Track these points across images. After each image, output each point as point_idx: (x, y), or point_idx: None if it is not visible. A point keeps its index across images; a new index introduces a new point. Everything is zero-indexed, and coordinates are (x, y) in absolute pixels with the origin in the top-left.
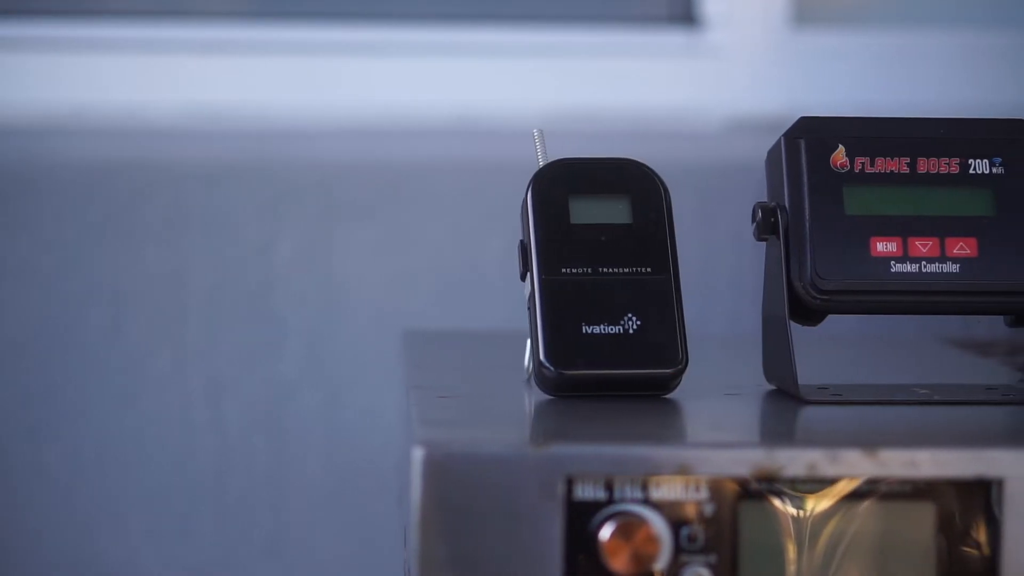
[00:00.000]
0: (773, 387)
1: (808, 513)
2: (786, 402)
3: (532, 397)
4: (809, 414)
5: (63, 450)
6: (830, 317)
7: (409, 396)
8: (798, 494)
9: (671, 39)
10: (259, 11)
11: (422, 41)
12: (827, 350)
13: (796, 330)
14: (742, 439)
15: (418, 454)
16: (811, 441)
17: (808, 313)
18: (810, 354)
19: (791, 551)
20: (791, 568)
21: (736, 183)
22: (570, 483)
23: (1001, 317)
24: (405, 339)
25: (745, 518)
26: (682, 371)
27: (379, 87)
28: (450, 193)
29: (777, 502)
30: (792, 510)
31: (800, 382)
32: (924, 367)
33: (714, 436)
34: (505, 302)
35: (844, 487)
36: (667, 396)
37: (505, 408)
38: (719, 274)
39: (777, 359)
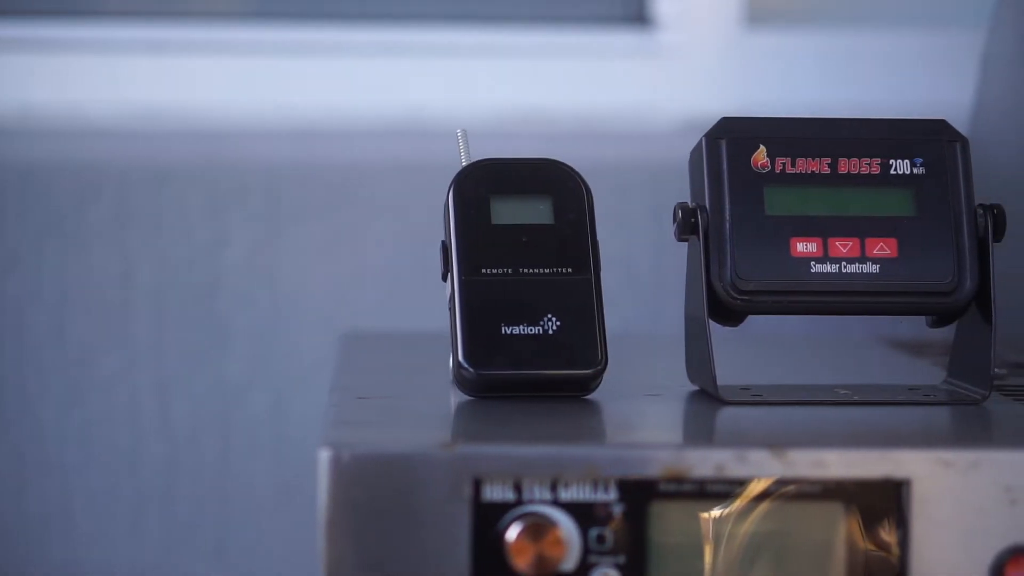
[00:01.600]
0: (696, 388)
1: (718, 514)
2: (706, 403)
3: (455, 398)
4: (726, 415)
5: (9, 451)
6: (777, 319)
7: (330, 397)
8: (708, 495)
9: (624, 39)
10: (204, 11)
11: (371, 41)
12: (768, 350)
13: (739, 330)
14: (652, 440)
15: (324, 455)
16: (719, 442)
17: (728, 313)
18: (748, 354)
19: (701, 552)
20: (700, 569)
21: (689, 183)
22: (478, 484)
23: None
24: (343, 341)
25: (655, 519)
26: (601, 372)
27: (327, 88)
28: (398, 194)
29: (687, 503)
30: (702, 511)
31: (726, 383)
32: (861, 368)
33: (624, 437)
34: None
35: (754, 488)
36: (587, 397)
37: (423, 409)
38: (670, 273)
39: (698, 360)
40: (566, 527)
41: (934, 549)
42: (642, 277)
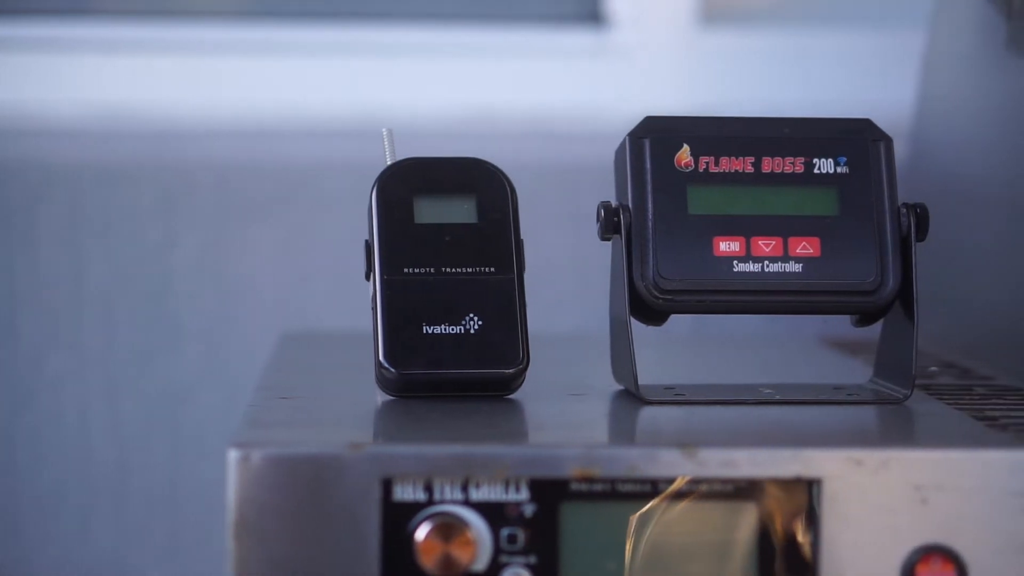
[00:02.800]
0: (622, 388)
1: (631, 513)
2: (628, 403)
3: (380, 398)
4: (646, 414)
5: None
6: (725, 318)
7: (252, 397)
8: (620, 495)
9: (577, 39)
10: (154, 10)
11: (322, 40)
12: (708, 350)
13: (675, 329)
14: (564, 440)
15: (233, 456)
16: (630, 442)
17: (651, 313)
18: (685, 354)
19: (613, 552)
20: (612, 569)
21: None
22: (390, 484)
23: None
24: (281, 341)
25: (567, 519)
26: (523, 371)
27: (276, 87)
28: (347, 193)
29: (599, 503)
30: (614, 511)
31: (659, 382)
32: (797, 367)
33: (537, 437)
34: None
35: (666, 488)
36: (510, 397)
37: (343, 409)
38: None
39: (621, 360)
40: (477, 527)
41: (845, 548)
42: (593, 278)
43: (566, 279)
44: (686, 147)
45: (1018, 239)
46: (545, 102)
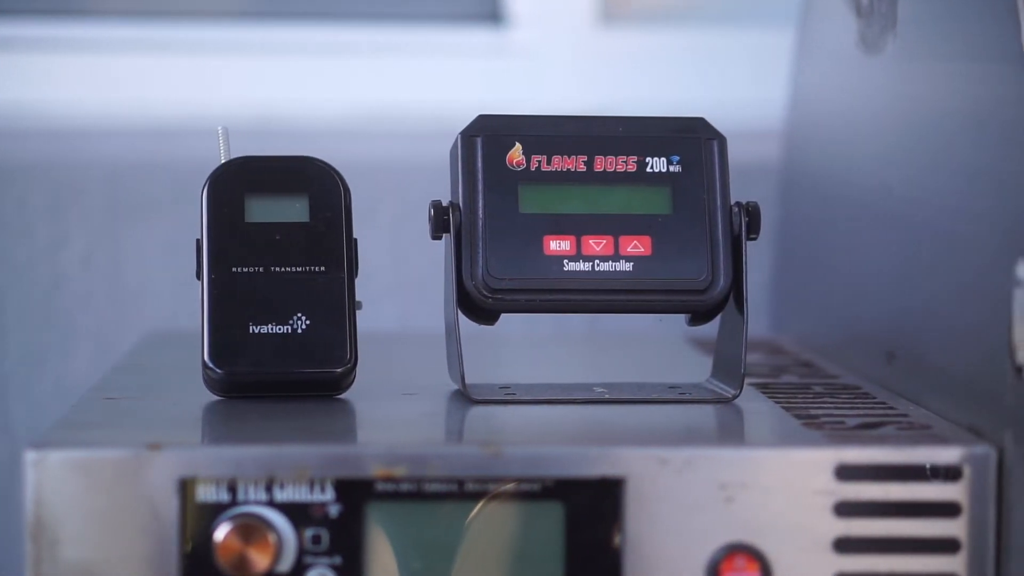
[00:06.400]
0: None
1: (437, 513)
2: (458, 402)
3: (208, 399)
4: (472, 414)
5: None
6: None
7: (79, 398)
8: (426, 495)
9: (477, 37)
10: (48, 9)
11: (220, 39)
12: (569, 349)
13: (537, 326)
14: (372, 440)
15: (30, 457)
16: (439, 441)
17: (481, 312)
18: (535, 353)
19: (419, 552)
20: (417, 569)
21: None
22: (192, 485)
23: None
24: (142, 340)
25: (372, 519)
26: (351, 371)
27: (174, 85)
28: None
29: (405, 503)
30: (420, 511)
31: (503, 382)
32: (652, 366)
33: (345, 437)
34: None
35: (474, 487)
36: (340, 396)
37: (164, 410)
38: None
39: (451, 359)
40: (280, 528)
41: (651, 548)
42: None
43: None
44: (519, 146)
45: (864, 239)
46: (446, 101)
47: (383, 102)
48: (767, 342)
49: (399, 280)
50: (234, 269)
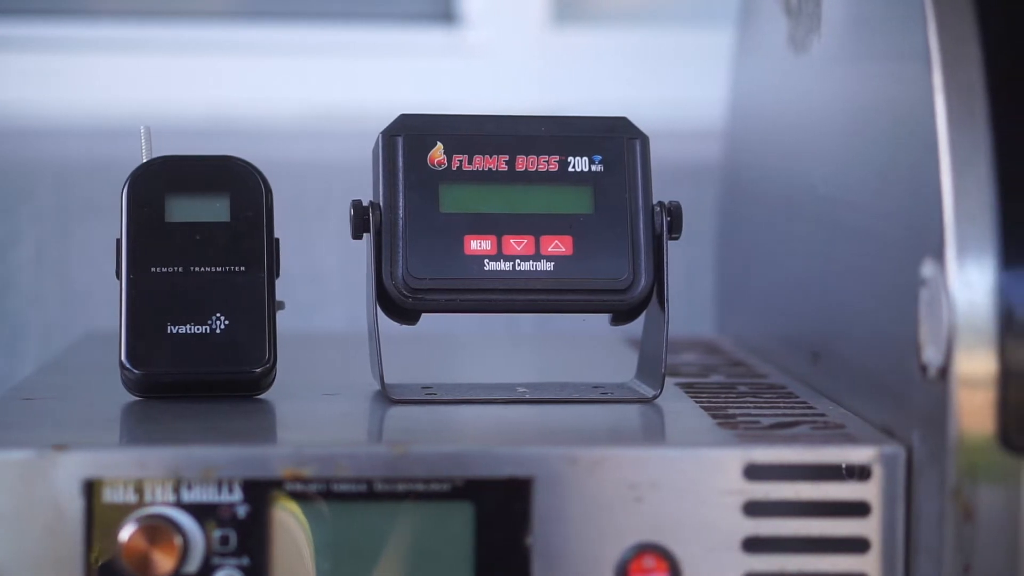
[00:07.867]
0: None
1: (346, 513)
2: (378, 402)
3: (128, 400)
4: (390, 414)
5: None
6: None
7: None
8: (336, 495)
9: (430, 37)
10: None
11: (174, 38)
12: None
13: (487, 326)
14: (280, 440)
15: None
16: (348, 441)
17: (403, 312)
18: (470, 352)
19: (327, 553)
20: (327, 570)
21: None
22: (98, 486)
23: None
24: (78, 340)
25: (280, 520)
26: (270, 371)
27: (122, 84)
28: None
29: (314, 503)
30: (329, 511)
31: (427, 381)
32: (586, 366)
33: (257, 437)
34: None
35: (382, 487)
36: (260, 397)
37: (80, 411)
38: None
39: (372, 359)
40: (188, 529)
41: (559, 548)
42: None
43: None
44: (440, 145)
45: (793, 239)
46: (399, 101)
47: (335, 102)
48: (706, 342)
49: (348, 281)
50: (153, 269)
